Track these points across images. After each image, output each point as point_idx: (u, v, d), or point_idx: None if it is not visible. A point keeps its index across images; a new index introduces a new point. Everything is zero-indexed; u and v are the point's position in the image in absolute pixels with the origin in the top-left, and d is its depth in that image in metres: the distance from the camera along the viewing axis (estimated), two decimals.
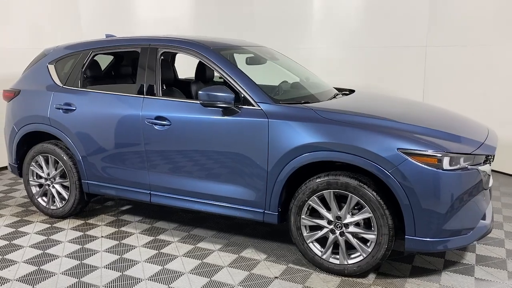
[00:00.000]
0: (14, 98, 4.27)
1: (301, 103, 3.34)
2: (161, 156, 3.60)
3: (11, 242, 3.74)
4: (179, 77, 4.97)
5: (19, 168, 4.35)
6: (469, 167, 2.88)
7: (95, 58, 4.17)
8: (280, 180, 3.17)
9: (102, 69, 4.51)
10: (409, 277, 3.09)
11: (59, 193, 4.16)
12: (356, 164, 2.93)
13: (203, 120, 3.39)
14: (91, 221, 4.17)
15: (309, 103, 3.38)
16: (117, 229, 3.97)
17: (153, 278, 3.12)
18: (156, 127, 3.55)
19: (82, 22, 6.70)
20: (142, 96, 3.66)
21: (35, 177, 4.24)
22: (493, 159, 3.30)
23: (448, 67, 5.99)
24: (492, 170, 5.26)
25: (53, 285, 3.04)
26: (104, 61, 4.68)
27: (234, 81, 3.37)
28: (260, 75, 4.52)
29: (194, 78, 4.26)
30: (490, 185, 3.20)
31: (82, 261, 3.38)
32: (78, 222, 4.15)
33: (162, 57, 3.71)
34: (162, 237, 3.80)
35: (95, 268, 3.28)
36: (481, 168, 2.94)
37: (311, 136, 3.04)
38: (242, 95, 3.32)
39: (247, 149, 3.25)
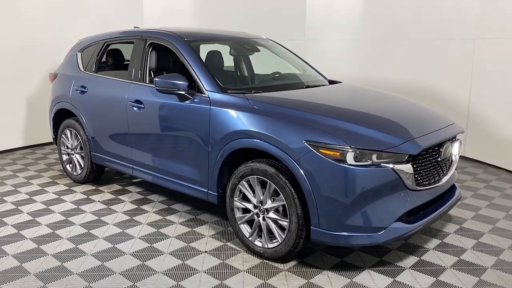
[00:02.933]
0: (54, 80, 5.13)
1: (251, 93, 3.52)
2: (138, 134, 4.08)
3: (31, 197, 4.57)
4: None
5: (55, 139, 5.22)
6: (383, 164, 2.81)
7: (118, 47, 4.83)
8: (218, 163, 3.41)
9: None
10: (327, 270, 3.11)
11: (78, 162, 4.91)
12: (271, 153, 3.04)
13: (165, 104, 3.76)
14: (101, 188, 4.85)
15: (260, 93, 3.55)
16: (115, 197, 4.58)
17: (107, 238, 3.62)
18: (135, 109, 4.03)
19: (145, 15, 7.49)
20: (130, 81, 4.16)
21: (64, 147, 5.06)
22: (438, 157, 3.12)
23: (498, 61, 5.44)
24: None
25: (32, 233, 3.72)
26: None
27: (193, 70, 3.67)
28: (260, 65, 4.77)
29: None
30: (428, 186, 3.05)
31: (67, 218, 4.04)
32: (91, 187, 4.86)
33: (150, 47, 4.15)
34: (144, 207, 4.30)
35: (72, 224, 3.90)
36: (399, 166, 2.83)
37: (239, 124, 3.23)
38: (197, 84, 3.61)
39: (195, 133, 3.55)
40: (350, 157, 2.77)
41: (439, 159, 3.14)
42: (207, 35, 4.35)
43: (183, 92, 3.56)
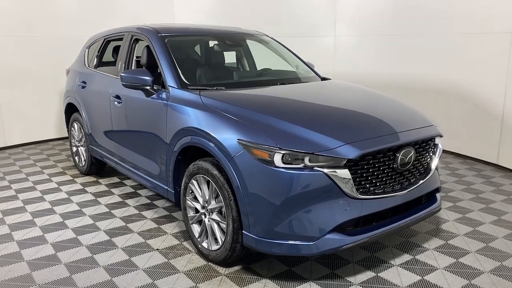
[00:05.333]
0: (67, 75, 5.40)
1: (213, 89, 3.42)
2: (119, 129, 4.14)
3: (35, 185, 4.84)
4: None
5: (68, 132, 5.49)
6: (316, 168, 2.56)
7: (115, 43, 4.95)
8: (172, 161, 3.35)
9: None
10: (267, 278, 2.92)
11: (83, 154, 5.12)
12: (210, 151, 2.91)
13: (136, 99, 3.78)
14: (101, 180, 5.01)
15: (223, 89, 3.43)
16: (108, 189, 4.70)
17: (75, 228, 3.72)
18: (115, 103, 4.09)
19: (176, 13, 7.62)
20: (116, 77, 4.24)
21: (74, 140, 5.30)
22: (393, 163, 2.80)
23: None
24: None
25: (13, 219, 3.93)
26: None
27: (160, 64, 3.64)
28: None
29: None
30: (381, 195, 2.74)
31: (52, 207, 4.21)
32: (92, 179, 5.04)
33: (135, 43, 4.19)
34: (128, 201, 4.36)
35: (53, 213, 4.06)
36: (334, 171, 2.56)
37: (188, 121, 3.15)
38: (162, 78, 3.57)
39: (156, 129, 3.52)
40: (277, 159, 2.57)
41: (395, 165, 2.80)
42: (187, 29, 4.30)
43: (147, 88, 3.54)
